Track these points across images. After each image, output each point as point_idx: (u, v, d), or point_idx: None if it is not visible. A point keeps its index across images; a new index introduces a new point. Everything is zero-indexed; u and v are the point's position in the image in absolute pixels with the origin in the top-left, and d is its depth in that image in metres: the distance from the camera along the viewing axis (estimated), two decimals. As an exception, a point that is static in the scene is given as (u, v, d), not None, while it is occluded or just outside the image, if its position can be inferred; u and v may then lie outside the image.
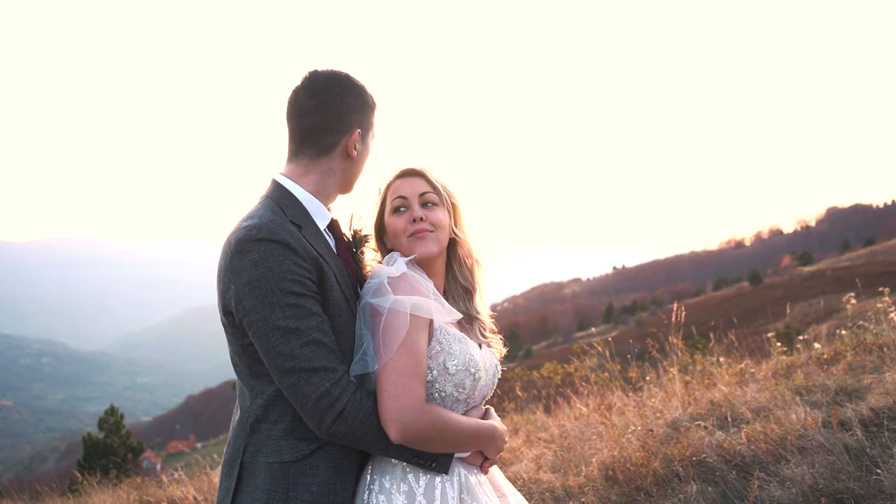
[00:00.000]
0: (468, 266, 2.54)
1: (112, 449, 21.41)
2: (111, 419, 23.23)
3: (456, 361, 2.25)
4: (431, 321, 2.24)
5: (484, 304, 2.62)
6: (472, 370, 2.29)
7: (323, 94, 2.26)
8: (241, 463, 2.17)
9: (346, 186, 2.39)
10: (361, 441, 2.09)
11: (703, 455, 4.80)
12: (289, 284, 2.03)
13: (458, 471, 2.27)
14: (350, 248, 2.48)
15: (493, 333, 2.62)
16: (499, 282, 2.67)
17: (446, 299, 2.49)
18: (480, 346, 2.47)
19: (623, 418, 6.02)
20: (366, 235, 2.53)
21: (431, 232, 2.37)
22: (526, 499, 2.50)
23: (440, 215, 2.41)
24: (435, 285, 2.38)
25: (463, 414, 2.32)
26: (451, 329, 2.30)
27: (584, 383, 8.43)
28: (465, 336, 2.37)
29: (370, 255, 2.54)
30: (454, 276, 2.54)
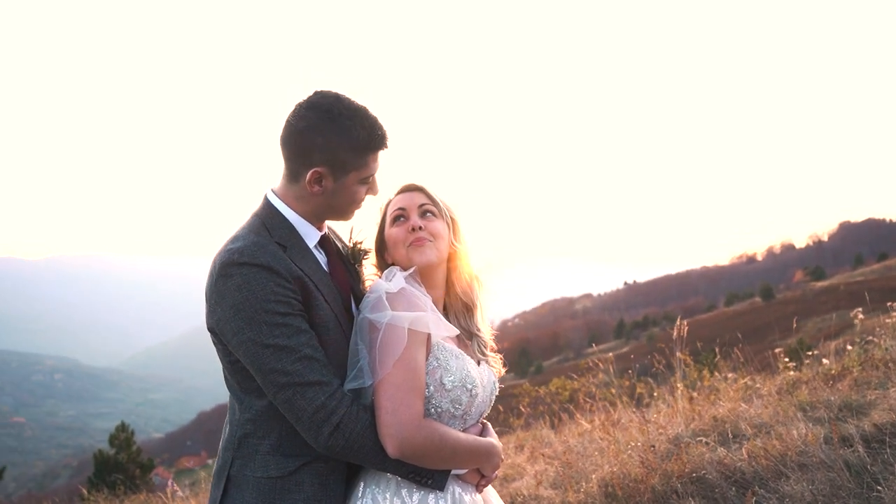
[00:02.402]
0: (467, 281, 2.53)
1: (122, 465, 21.41)
2: (122, 435, 23.21)
3: (452, 377, 2.25)
4: (430, 337, 2.24)
5: (485, 321, 2.61)
6: (469, 386, 2.29)
7: (297, 121, 2.18)
8: (228, 475, 2.21)
9: (330, 213, 2.33)
10: (359, 454, 2.10)
11: (703, 471, 4.78)
12: (273, 306, 2.05)
13: (453, 488, 2.26)
14: (347, 263, 2.49)
15: (494, 352, 2.61)
16: (509, 297, 2.66)
17: (447, 315, 2.51)
18: (479, 362, 2.47)
19: (626, 434, 6.00)
20: (365, 250, 2.54)
21: (430, 241, 2.37)
22: None
23: (439, 226, 2.41)
24: (435, 298, 2.40)
25: (461, 431, 2.31)
26: (448, 345, 2.31)
27: (589, 399, 8.41)
28: (463, 352, 2.37)
29: (370, 271, 2.55)
30: (454, 292, 2.53)
